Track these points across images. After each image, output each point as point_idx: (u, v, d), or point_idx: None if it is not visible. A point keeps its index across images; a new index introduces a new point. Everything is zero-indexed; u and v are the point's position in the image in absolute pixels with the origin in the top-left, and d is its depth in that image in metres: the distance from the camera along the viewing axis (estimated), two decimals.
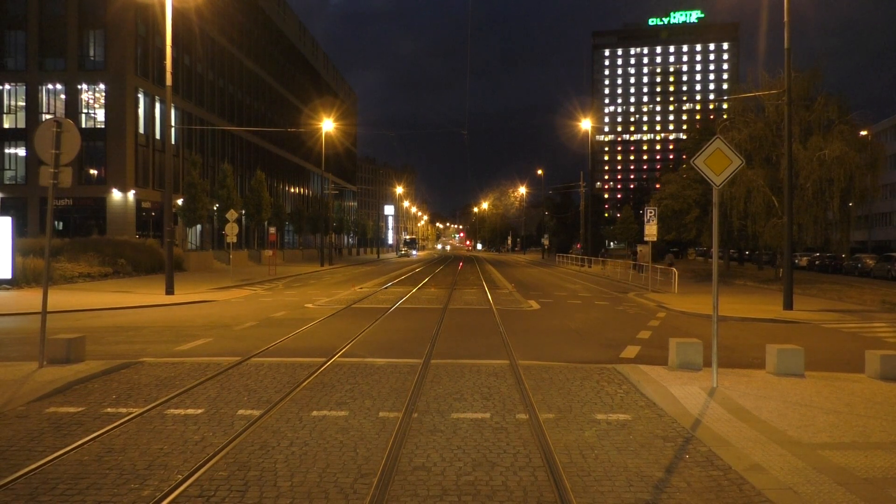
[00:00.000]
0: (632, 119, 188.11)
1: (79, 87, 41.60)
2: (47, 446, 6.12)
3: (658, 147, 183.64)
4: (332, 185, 69.88)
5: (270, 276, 33.88)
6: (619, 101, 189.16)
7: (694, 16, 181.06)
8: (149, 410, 7.36)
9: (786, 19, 17.80)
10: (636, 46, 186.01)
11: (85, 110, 42.17)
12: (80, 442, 6.19)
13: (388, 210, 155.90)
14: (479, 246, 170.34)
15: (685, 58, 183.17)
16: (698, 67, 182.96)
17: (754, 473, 5.48)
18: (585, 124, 53.65)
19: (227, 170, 43.97)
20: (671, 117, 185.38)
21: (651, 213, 25.53)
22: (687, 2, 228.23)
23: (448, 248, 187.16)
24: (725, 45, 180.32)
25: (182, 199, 39.92)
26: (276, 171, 66.42)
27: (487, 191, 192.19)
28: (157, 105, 44.41)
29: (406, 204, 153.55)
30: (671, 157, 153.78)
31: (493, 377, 9.32)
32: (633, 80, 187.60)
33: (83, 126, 40.49)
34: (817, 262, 48.21)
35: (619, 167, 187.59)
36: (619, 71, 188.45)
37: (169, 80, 22.23)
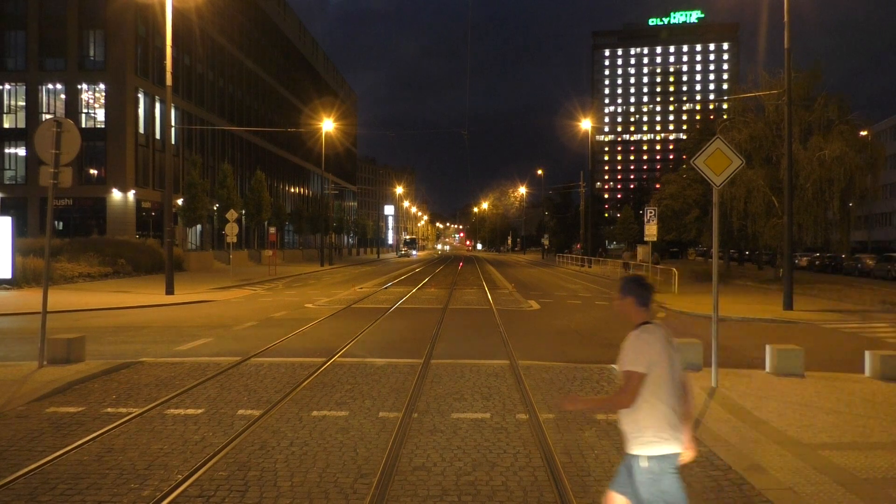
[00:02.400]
0: (632, 119, 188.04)
1: (79, 87, 41.58)
2: (47, 446, 6.12)
3: (658, 147, 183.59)
4: (332, 185, 69.91)
5: (270, 276, 33.88)
6: (619, 101, 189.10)
7: (694, 16, 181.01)
8: (149, 410, 7.36)
9: (786, 19, 17.79)
10: (636, 46, 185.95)
11: (85, 110, 42.15)
12: (80, 442, 6.19)
13: (388, 210, 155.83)
14: (479, 246, 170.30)
15: (685, 58, 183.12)
16: (698, 67, 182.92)
17: (754, 473, 5.48)
18: (585, 124, 53.65)
19: (227, 170, 43.96)
20: (671, 117, 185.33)
21: (651, 213, 25.54)
22: (687, 2, 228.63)
23: (448, 248, 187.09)
24: (725, 45, 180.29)
25: (182, 199, 39.91)
26: (276, 171, 66.40)
27: (487, 191, 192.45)
28: (157, 105, 44.39)
29: (406, 204, 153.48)
30: (671, 157, 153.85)
31: (494, 377, 9.32)
32: (633, 80, 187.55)
33: (83, 126, 40.43)
34: (817, 263, 48.17)
35: (619, 167, 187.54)
36: (619, 71, 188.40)
37: (169, 80, 22.23)
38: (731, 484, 5.33)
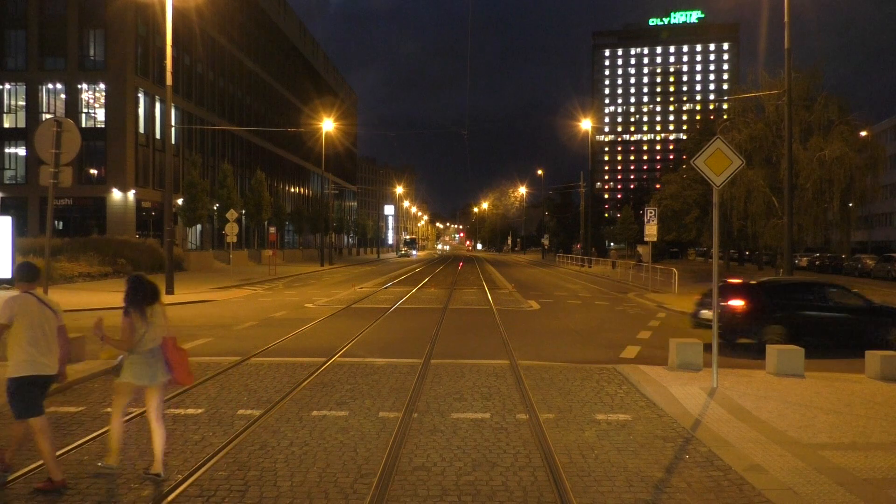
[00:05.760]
0: (632, 119, 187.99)
1: (79, 86, 41.56)
2: None
3: (658, 147, 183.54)
4: (332, 185, 69.87)
5: (270, 276, 33.87)
6: (619, 101, 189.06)
7: (694, 16, 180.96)
8: None
9: (786, 19, 17.80)
10: (636, 46, 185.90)
11: (85, 110, 42.13)
12: (80, 442, 6.20)
13: (388, 210, 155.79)
14: (479, 246, 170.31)
15: (685, 58, 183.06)
16: (698, 67, 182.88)
17: (754, 474, 5.48)
18: (585, 124, 53.65)
19: (227, 170, 43.94)
20: (671, 117, 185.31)
21: (651, 213, 25.54)
22: (687, 2, 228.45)
23: (448, 248, 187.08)
24: (725, 46, 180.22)
25: (182, 199, 39.91)
26: (276, 171, 66.39)
27: (487, 191, 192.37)
28: (157, 105, 44.38)
29: (406, 204, 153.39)
30: (671, 157, 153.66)
31: (493, 377, 9.33)
32: (633, 80, 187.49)
33: (83, 126, 40.39)
34: (817, 263, 48.18)
35: (619, 167, 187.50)
36: (619, 71, 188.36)
37: (169, 80, 22.22)
38: (731, 484, 5.33)
